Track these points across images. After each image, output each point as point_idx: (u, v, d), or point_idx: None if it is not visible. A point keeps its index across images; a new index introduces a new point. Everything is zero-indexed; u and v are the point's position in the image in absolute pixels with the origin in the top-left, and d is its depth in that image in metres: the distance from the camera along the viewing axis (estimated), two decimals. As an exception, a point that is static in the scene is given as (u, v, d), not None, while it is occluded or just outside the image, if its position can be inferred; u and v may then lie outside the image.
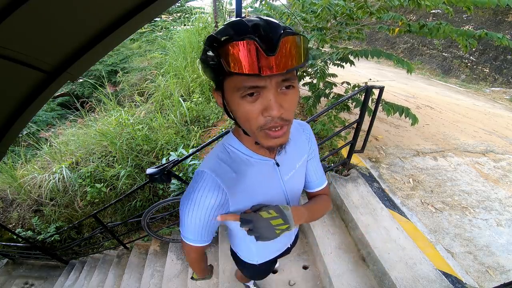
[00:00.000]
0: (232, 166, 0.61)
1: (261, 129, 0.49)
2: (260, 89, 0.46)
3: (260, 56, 0.41)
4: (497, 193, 2.23)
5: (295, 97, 0.50)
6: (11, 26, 0.52)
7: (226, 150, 0.63)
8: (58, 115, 6.23)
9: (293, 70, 0.45)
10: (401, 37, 9.03)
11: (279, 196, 0.71)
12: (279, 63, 0.42)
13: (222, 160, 0.62)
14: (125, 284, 2.51)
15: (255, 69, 0.41)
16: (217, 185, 0.58)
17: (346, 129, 2.12)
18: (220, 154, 0.63)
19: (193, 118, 3.43)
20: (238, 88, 0.46)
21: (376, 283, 1.59)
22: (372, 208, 1.92)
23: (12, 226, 3.39)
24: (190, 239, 0.66)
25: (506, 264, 1.63)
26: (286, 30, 0.43)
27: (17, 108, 0.85)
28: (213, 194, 0.58)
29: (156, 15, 0.76)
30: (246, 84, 0.45)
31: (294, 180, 0.72)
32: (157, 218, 2.34)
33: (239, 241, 0.88)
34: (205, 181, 0.58)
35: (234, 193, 0.60)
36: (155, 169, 1.39)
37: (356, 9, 2.30)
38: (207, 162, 0.62)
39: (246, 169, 0.62)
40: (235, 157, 0.62)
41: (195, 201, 0.58)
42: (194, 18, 4.72)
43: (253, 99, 0.47)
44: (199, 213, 0.59)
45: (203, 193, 0.58)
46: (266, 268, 1.07)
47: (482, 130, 3.50)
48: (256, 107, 0.47)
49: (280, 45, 0.41)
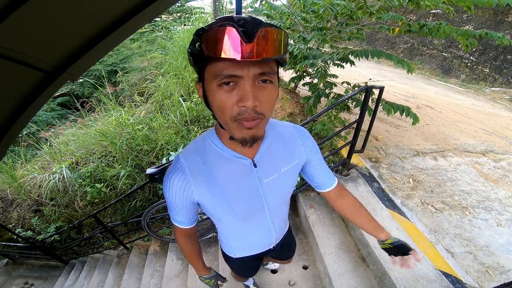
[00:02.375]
0: (202, 156, 0.65)
1: (234, 119, 0.50)
2: (237, 78, 0.47)
3: (238, 42, 0.42)
4: (497, 193, 2.23)
5: (272, 93, 0.51)
6: (11, 26, 0.52)
7: (204, 142, 0.67)
8: (58, 115, 6.23)
9: (269, 60, 0.47)
10: (401, 37, 9.04)
11: (255, 198, 0.71)
12: (256, 51, 0.43)
13: (196, 150, 0.67)
14: (125, 284, 2.51)
15: (232, 54, 0.43)
16: (183, 171, 0.64)
17: (346, 129, 2.12)
18: (197, 144, 0.68)
19: (193, 118, 3.43)
20: (216, 75, 0.47)
21: (376, 283, 1.59)
22: (372, 208, 1.92)
23: (12, 226, 3.39)
24: (173, 218, 0.74)
25: (506, 264, 1.63)
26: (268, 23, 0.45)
27: (17, 108, 0.85)
28: (179, 178, 0.65)
29: (156, 15, 0.76)
30: (223, 72, 0.46)
31: (275, 184, 0.71)
32: (157, 218, 2.34)
33: (220, 232, 0.90)
34: (176, 166, 0.66)
35: (198, 181, 0.64)
36: (155, 169, 1.39)
37: (356, 9, 2.30)
38: (184, 150, 0.69)
39: (216, 162, 0.65)
40: (209, 149, 0.66)
41: (167, 183, 0.66)
42: (194, 18, 4.72)
43: (230, 89, 0.48)
44: (171, 193, 0.67)
45: (172, 176, 0.65)
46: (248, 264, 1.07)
47: (482, 130, 3.50)
48: (231, 97, 0.48)
49: (258, 34, 0.43)
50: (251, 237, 0.85)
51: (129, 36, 0.83)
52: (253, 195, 0.70)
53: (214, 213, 0.71)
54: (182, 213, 0.71)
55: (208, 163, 0.65)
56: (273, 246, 0.93)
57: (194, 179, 0.64)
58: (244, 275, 1.38)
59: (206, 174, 0.64)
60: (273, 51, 0.45)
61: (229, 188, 0.66)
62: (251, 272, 1.23)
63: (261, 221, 0.78)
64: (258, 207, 0.73)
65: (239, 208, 0.69)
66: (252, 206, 0.72)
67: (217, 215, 0.72)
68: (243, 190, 0.68)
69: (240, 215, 0.71)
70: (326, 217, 2.06)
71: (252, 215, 0.74)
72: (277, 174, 0.69)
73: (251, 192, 0.69)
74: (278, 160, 0.69)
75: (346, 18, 2.41)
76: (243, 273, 1.26)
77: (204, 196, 0.66)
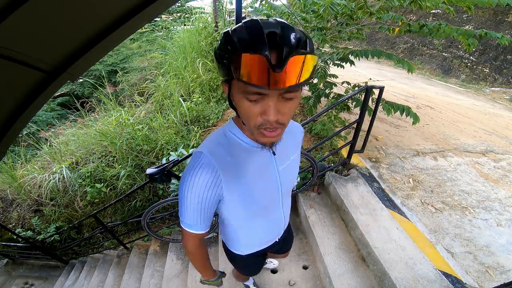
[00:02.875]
0: (228, 149, 0.65)
1: (258, 127, 0.54)
2: (262, 96, 0.49)
3: (267, 71, 0.43)
4: (497, 193, 2.23)
5: (294, 104, 0.53)
6: (11, 26, 0.52)
7: (225, 135, 0.67)
8: (58, 115, 6.23)
9: (297, 87, 0.47)
10: (401, 37, 9.04)
11: (274, 185, 0.75)
12: (284, 79, 0.44)
13: (220, 143, 0.65)
14: (125, 284, 2.52)
15: (262, 82, 0.44)
16: (212, 166, 0.62)
17: (346, 129, 2.12)
18: (219, 138, 0.67)
19: (193, 118, 3.43)
20: (243, 91, 0.50)
21: (376, 283, 1.59)
22: (372, 208, 1.92)
23: (12, 226, 3.39)
24: (188, 224, 0.68)
25: (506, 264, 1.63)
26: (299, 43, 0.45)
27: (17, 108, 0.85)
28: (207, 173, 0.61)
29: (156, 15, 0.77)
30: (251, 90, 0.48)
31: (288, 171, 0.76)
32: (157, 218, 2.34)
33: (230, 230, 0.88)
34: (201, 161, 0.62)
35: (228, 176, 0.63)
36: (155, 169, 1.39)
37: (356, 9, 2.30)
38: (205, 144, 0.66)
39: (242, 155, 0.65)
40: (233, 142, 0.66)
41: (192, 180, 0.62)
42: (194, 18, 4.72)
43: (255, 102, 0.50)
44: (195, 192, 0.62)
45: (198, 172, 0.61)
46: (254, 262, 1.09)
47: (482, 130, 3.50)
48: (256, 109, 0.51)
49: (288, 63, 0.43)
50: (264, 229, 0.88)
51: (129, 36, 0.83)
52: (273, 182, 0.73)
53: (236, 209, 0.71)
54: (203, 214, 0.66)
55: (234, 156, 0.64)
56: (278, 238, 0.97)
57: (225, 174, 0.63)
58: (248, 273, 1.37)
59: (235, 167, 0.64)
60: (301, 78, 0.46)
61: (256, 179, 0.68)
62: (256, 270, 1.23)
63: (276, 210, 0.83)
64: (276, 195, 0.77)
65: (261, 198, 0.72)
66: (271, 194, 0.75)
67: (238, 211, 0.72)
68: (266, 179, 0.71)
69: (262, 205, 0.74)
70: (326, 217, 2.06)
71: (271, 205, 0.78)
72: (288, 162, 0.75)
73: (271, 180, 0.73)
74: (289, 149, 0.75)
75: (346, 18, 2.41)
76: (248, 271, 1.25)
77: (234, 191, 0.65)
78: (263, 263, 1.24)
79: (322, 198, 2.25)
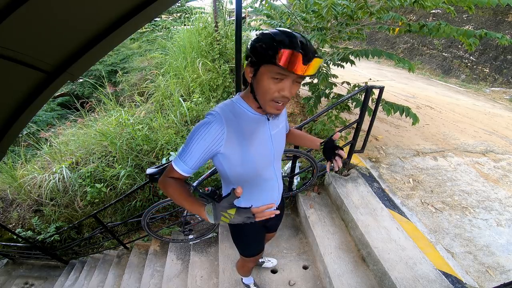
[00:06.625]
0: (235, 114, 0.83)
1: (272, 100, 0.75)
2: (284, 76, 0.71)
3: (300, 63, 0.66)
4: (497, 193, 2.23)
5: (298, 88, 0.78)
6: (11, 26, 0.52)
7: (234, 105, 0.85)
8: (58, 115, 6.21)
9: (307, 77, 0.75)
10: (401, 37, 9.03)
11: (269, 147, 0.91)
12: (305, 70, 0.68)
13: (229, 110, 0.83)
14: (125, 284, 2.52)
15: (293, 69, 0.67)
16: (222, 123, 0.78)
17: (346, 129, 2.12)
18: (228, 105, 0.84)
19: (193, 118, 3.43)
20: (274, 72, 0.70)
21: (376, 283, 1.59)
22: (372, 208, 1.92)
23: (12, 226, 3.39)
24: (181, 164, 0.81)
25: (506, 264, 1.63)
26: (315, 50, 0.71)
27: (17, 108, 0.85)
28: (217, 128, 0.77)
29: (156, 15, 0.77)
30: (280, 72, 0.69)
31: (278, 136, 0.95)
32: (157, 218, 2.34)
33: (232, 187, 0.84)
34: (215, 117, 0.79)
35: (231, 134, 0.79)
36: (155, 169, 1.39)
37: (356, 9, 2.30)
38: (217, 108, 0.83)
39: (245, 120, 0.83)
40: (239, 110, 0.84)
41: (203, 128, 0.77)
42: (194, 18, 4.71)
43: (278, 81, 0.72)
44: (202, 137, 0.77)
45: (211, 125, 0.77)
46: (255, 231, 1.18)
47: (482, 130, 3.50)
48: (276, 86, 0.73)
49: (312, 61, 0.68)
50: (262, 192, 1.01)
51: (129, 36, 0.83)
52: (267, 142, 0.90)
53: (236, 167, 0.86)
54: (196, 158, 0.80)
55: (239, 119, 0.82)
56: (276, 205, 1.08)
57: (228, 132, 0.79)
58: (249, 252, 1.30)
59: (238, 127, 0.81)
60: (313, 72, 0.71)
61: (254, 140, 0.84)
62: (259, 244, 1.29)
63: (270, 173, 0.98)
64: (269, 155, 0.93)
65: (259, 160, 0.88)
66: (267, 156, 0.92)
67: (238, 169, 0.86)
68: (262, 141, 0.88)
69: (259, 166, 0.90)
70: (326, 217, 2.06)
71: (267, 167, 0.95)
72: (278, 129, 0.94)
73: (266, 141, 0.89)
74: (278, 118, 0.93)
75: (347, 18, 2.41)
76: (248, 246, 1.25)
77: (233, 149, 0.81)
78: (263, 238, 1.31)
79: (322, 198, 2.25)
